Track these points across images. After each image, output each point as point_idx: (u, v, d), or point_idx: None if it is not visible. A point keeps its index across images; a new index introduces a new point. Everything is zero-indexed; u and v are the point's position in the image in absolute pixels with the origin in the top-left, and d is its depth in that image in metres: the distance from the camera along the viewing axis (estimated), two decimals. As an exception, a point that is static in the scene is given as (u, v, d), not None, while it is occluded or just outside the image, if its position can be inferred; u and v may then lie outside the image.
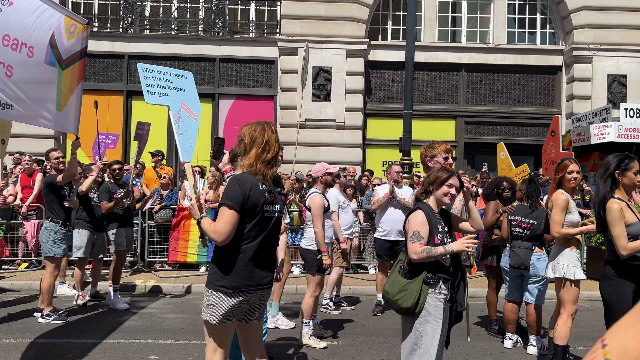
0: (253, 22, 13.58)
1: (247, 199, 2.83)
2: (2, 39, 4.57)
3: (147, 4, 13.58)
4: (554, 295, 5.15)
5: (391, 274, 3.49)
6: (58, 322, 5.98)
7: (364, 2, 13.16)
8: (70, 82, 5.36)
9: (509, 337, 5.51)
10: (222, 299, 2.85)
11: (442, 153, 3.91)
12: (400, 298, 3.27)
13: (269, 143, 2.97)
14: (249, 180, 2.88)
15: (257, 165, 2.93)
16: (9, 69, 4.62)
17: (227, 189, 2.89)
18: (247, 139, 2.99)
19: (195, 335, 5.66)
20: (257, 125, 3.04)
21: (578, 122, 12.54)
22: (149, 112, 13.09)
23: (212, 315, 2.87)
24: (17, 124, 5.75)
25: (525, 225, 5.24)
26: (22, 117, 4.85)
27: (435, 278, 3.29)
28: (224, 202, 2.83)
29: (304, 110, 12.69)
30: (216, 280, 2.88)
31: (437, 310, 3.28)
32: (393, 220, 6.76)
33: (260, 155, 2.94)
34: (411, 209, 3.48)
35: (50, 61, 5.07)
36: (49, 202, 6.23)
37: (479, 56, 13.69)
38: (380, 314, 6.78)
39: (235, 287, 2.86)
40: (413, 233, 3.29)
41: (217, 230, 2.79)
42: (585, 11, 13.23)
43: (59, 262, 6.21)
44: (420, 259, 3.24)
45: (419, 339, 3.28)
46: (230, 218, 2.79)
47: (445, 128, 13.80)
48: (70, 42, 5.27)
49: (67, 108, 5.38)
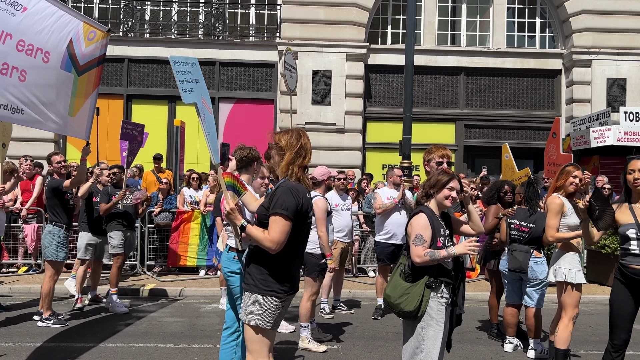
0: (253, 26, 13.61)
1: (300, 208, 2.90)
2: (17, 44, 4.61)
3: (147, 8, 13.62)
4: (554, 299, 5.15)
5: (392, 277, 3.49)
6: (57, 326, 5.96)
7: (363, 6, 13.19)
8: (86, 88, 5.40)
9: (509, 340, 5.49)
10: (274, 304, 2.89)
11: (437, 157, 3.98)
12: (402, 302, 3.26)
13: (305, 148, 3.04)
14: (300, 190, 2.94)
15: (294, 170, 2.99)
16: (22, 74, 4.65)
17: (279, 198, 2.89)
18: (284, 143, 3.03)
19: (194, 339, 5.65)
20: (293, 131, 3.10)
21: (578, 125, 12.55)
22: (149, 116, 13.13)
23: (264, 320, 2.89)
24: (18, 127, 5.76)
25: (524, 229, 5.23)
26: (32, 121, 4.87)
27: (437, 282, 3.29)
28: (279, 211, 2.85)
29: (304, 114, 12.71)
30: (266, 285, 2.90)
31: (439, 314, 3.27)
32: (397, 223, 6.74)
33: (296, 159, 3.00)
34: (413, 212, 3.48)
35: (67, 67, 5.10)
36: (52, 206, 6.21)
37: (479, 60, 13.72)
38: (381, 317, 6.76)
39: (285, 290, 2.92)
40: (416, 236, 3.28)
41: (273, 239, 2.83)
42: (585, 15, 13.26)
43: (60, 266, 6.18)
44: (423, 262, 3.24)
45: (421, 342, 3.28)
46: (286, 227, 2.85)
47: (445, 131, 13.81)
48: (89, 48, 5.31)
49: (80, 114, 5.41)
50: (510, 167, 9.40)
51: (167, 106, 13.45)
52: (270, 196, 2.98)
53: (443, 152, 4.02)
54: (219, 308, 6.96)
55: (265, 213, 2.95)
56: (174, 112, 13.34)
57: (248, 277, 3.00)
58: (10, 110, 4.59)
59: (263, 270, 2.93)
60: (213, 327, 6.16)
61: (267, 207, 2.95)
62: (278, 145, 3.07)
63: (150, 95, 13.44)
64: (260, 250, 2.92)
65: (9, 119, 4.72)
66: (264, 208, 2.98)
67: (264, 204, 3.01)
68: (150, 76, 13.48)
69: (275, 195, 2.93)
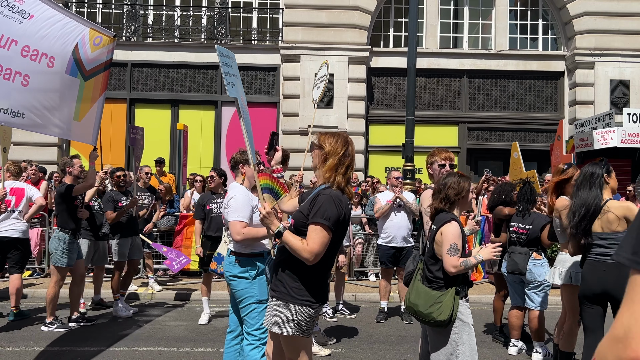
0: (255, 30, 13.64)
1: (341, 219, 2.78)
2: (22, 49, 4.66)
3: (150, 12, 13.67)
4: (557, 302, 5.12)
5: (413, 284, 3.46)
6: (61, 330, 5.96)
7: (365, 9, 13.21)
8: (93, 93, 5.42)
9: (514, 343, 5.47)
10: (308, 313, 2.80)
11: (439, 160, 3.97)
12: (434, 311, 3.23)
13: (350, 156, 2.91)
14: (343, 200, 2.81)
15: (337, 179, 2.84)
16: (25, 79, 4.69)
17: (322, 206, 2.73)
18: (327, 147, 2.88)
19: (198, 343, 5.64)
20: (339, 136, 2.95)
21: (581, 127, 12.51)
22: (151, 120, 13.17)
23: (298, 329, 2.78)
24: (21, 132, 5.79)
25: (522, 231, 5.21)
26: (34, 125, 4.90)
27: (464, 287, 3.32)
28: (321, 221, 2.70)
29: (306, 117, 12.72)
30: (300, 294, 2.78)
31: (468, 317, 3.31)
32: (397, 226, 6.74)
33: (339, 167, 2.86)
34: (444, 220, 3.36)
35: (72, 71, 5.12)
36: (60, 212, 6.19)
37: (481, 62, 13.71)
38: (384, 320, 6.75)
39: (319, 300, 2.84)
40: (450, 246, 3.24)
41: (312, 250, 2.69)
42: (587, 17, 13.25)
43: (65, 272, 6.15)
44: (458, 272, 3.23)
45: (456, 348, 3.26)
46: (326, 239, 2.72)
47: (448, 134, 13.79)
48: (95, 53, 5.34)
49: (86, 118, 5.43)
50: (518, 167, 9.34)
51: (169, 110, 13.49)
52: (310, 202, 2.81)
53: (446, 154, 4.01)
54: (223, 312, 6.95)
55: (303, 220, 2.80)
56: (176, 116, 13.37)
57: (279, 284, 2.84)
58: (10, 114, 4.62)
59: (297, 278, 2.79)
60: (216, 331, 6.16)
61: (306, 214, 2.78)
62: (321, 147, 2.90)
63: (153, 99, 13.48)
64: (295, 258, 2.78)
65: (9, 123, 4.75)
66: (302, 214, 2.82)
67: (302, 210, 2.86)
68: (153, 80, 13.52)
69: (317, 203, 2.75)
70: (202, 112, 13.50)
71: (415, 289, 3.39)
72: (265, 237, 3.84)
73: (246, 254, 3.84)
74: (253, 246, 3.86)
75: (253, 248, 3.87)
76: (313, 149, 2.97)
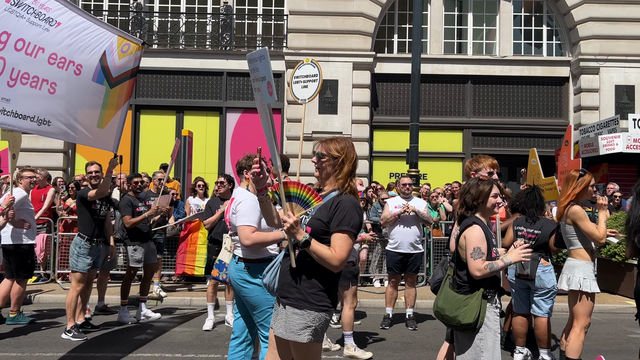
0: (260, 36, 13.70)
1: (360, 225, 2.83)
2: (49, 57, 4.68)
3: (155, 19, 13.76)
4: (563, 308, 5.09)
5: (442, 289, 3.47)
6: (77, 340, 5.84)
7: (369, 15, 13.25)
8: (117, 100, 5.42)
9: (519, 350, 5.42)
10: (325, 319, 2.78)
11: (487, 168, 3.95)
12: (460, 314, 3.24)
13: (356, 159, 2.96)
14: (360, 207, 2.86)
15: (352, 185, 2.86)
16: (52, 86, 4.72)
17: (347, 214, 2.73)
18: (340, 154, 2.87)
19: (202, 349, 5.63)
20: (347, 141, 2.96)
21: (586, 133, 12.48)
22: (156, 126, 13.23)
23: (316, 336, 2.75)
24: (26, 138, 5.82)
25: (531, 236, 5.18)
26: (59, 133, 4.92)
27: (492, 292, 3.30)
28: (349, 229, 2.72)
29: (311, 123, 12.74)
30: (319, 300, 2.75)
31: (495, 324, 3.28)
32: (404, 232, 6.71)
33: (353, 172, 2.89)
34: (466, 224, 3.39)
35: (99, 79, 5.14)
36: (79, 217, 6.23)
37: (486, 68, 13.71)
38: (389, 327, 6.72)
39: (334, 305, 2.83)
40: (474, 249, 3.25)
41: (341, 258, 2.68)
42: (592, 22, 13.24)
43: (83, 277, 6.06)
44: (483, 275, 3.22)
45: (479, 354, 3.25)
46: (351, 246, 2.75)
47: (452, 140, 13.78)
48: (122, 60, 5.33)
49: (109, 125, 5.43)
50: (536, 173, 9.25)
51: (174, 116, 13.54)
52: (329, 210, 2.77)
53: (492, 162, 4.01)
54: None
55: (323, 228, 2.77)
56: (181, 122, 13.41)
57: (294, 291, 2.78)
58: (37, 122, 4.65)
59: (317, 284, 2.76)
60: (221, 337, 6.14)
61: (326, 221, 2.76)
62: (332, 156, 2.88)
63: (158, 105, 13.54)
64: (314, 265, 2.74)
65: (36, 131, 4.78)
66: (322, 222, 2.78)
67: (319, 218, 2.79)
68: (158, 86, 13.58)
69: (342, 211, 2.74)
70: (206, 118, 13.55)
71: (443, 294, 3.41)
72: (274, 242, 3.83)
73: (256, 259, 3.82)
74: (261, 251, 3.85)
75: (261, 253, 3.85)
76: (322, 157, 2.90)
